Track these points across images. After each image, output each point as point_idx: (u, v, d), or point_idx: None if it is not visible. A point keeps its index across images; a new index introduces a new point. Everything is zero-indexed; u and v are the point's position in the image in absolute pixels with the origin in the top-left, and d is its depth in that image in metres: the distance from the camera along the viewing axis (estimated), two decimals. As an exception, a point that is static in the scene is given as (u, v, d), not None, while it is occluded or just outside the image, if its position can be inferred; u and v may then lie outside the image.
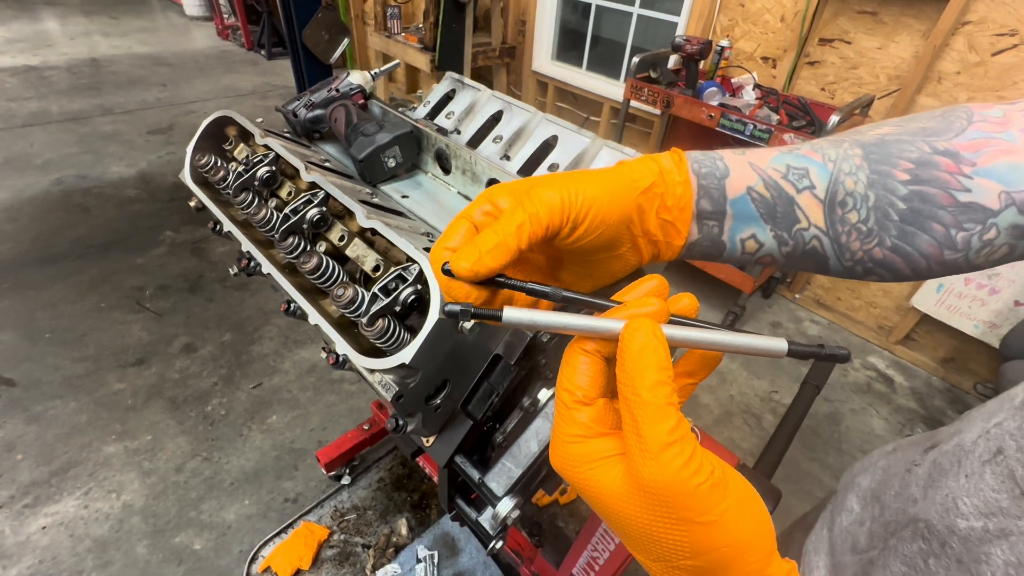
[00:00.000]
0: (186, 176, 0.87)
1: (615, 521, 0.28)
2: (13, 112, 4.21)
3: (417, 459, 1.69)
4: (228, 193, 0.81)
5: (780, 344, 0.30)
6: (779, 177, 0.39)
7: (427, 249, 0.64)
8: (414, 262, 0.61)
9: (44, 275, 2.59)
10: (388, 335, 0.60)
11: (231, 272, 0.88)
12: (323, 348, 0.78)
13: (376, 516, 1.71)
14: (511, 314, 0.30)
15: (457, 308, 0.30)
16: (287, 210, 0.72)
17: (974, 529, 0.31)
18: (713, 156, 0.41)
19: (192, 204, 0.89)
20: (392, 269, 0.63)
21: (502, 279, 0.33)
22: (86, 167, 3.54)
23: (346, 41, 2.77)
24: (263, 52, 6.05)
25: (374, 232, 0.65)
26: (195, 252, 2.84)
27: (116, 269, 2.67)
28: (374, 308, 0.59)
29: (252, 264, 0.78)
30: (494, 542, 0.73)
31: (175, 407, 2.02)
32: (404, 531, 1.64)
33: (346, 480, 1.78)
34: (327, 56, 2.78)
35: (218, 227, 0.84)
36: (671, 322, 0.31)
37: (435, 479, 1.66)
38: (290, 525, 1.65)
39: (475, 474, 0.70)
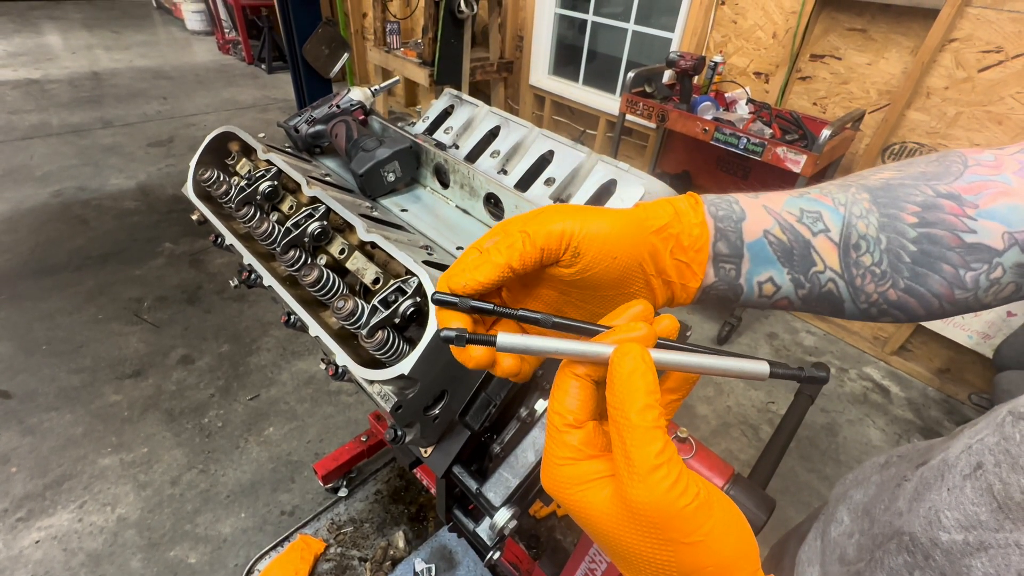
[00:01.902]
0: (189, 190, 0.88)
1: (605, 542, 0.29)
2: (14, 125, 4.24)
3: (415, 471, 1.68)
4: (230, 207, 0.83)
5: (762, 367, 0.31)
6: (794, 220, 0.40)
7: (426, 262, 0.65)
8: (413, 275, 0.62)
9: (41, 286, 2.59)
10: (387, 347, 0.61)
11: (231, 284, 0.89)
12: (322, 359, 0.78)
13: (373, 529, 1.70)
14: (505, 339, 0.31)
15: (452, 333, 0.31)
16: (289, 224, 0.73)
17: (956, 542, 0.31)
18: (728, 199, 0.42)
19: (194, 217, 0.91)
20: (391, 282, 0.64)
21: (494, 307, 0.33)
22: (85, 179, 3.55)
23: (346, 56, 2.81)
24: (263, 66, 6.12)
25: (374, 245, 0.66)
26: (193, 264, 2.85)
27: (114, 280, 2.67)
28: (374, 320, 0.60)
29: (253, 276, 0.80)
30: (491, 553, 0.74)
31: (172, 419, 2.02)
32: (401, 544, 1.63)
33: (343, 492, 1.77)
34: (327, 70, 2.82)
35: (220, 240, 0.86)
36: (657, 346, 0.31)
37: (432, 491, 1.66)
38: (286, 538, 1.64)
39: (473, 484, 0.71)
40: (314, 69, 2.76)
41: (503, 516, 0.65)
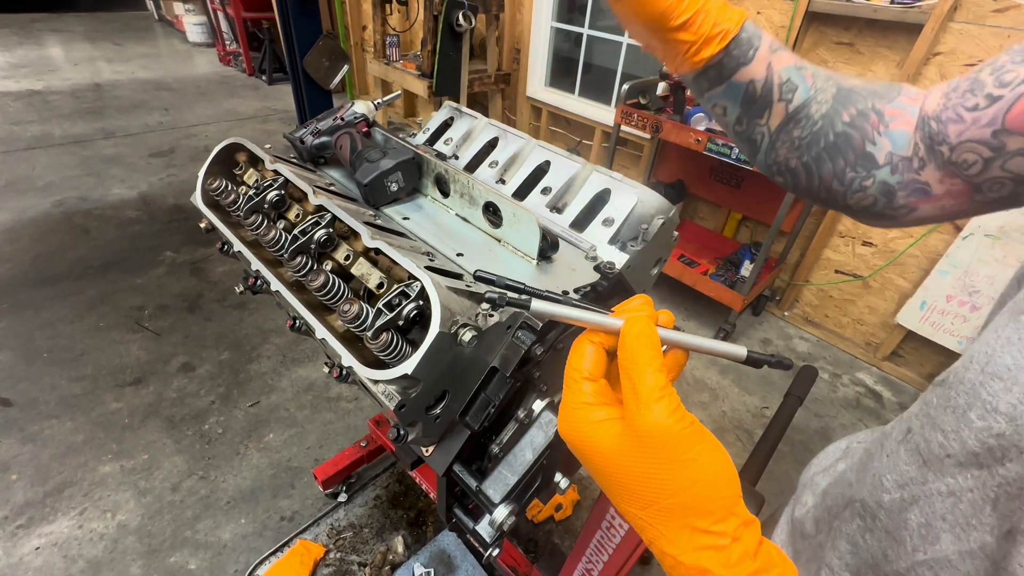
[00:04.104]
0: (198, 199, 0.91)
1: (611, 473, 0.34)
2: (16, 135, 4.27)
3: (414, 477, 1.70)
4: (239, 215, 0.86)
5: (741, 350, 0.38)
6: (779, 82, 0.49)
7: (428, 267, 0.68)
8: (416, 279, 0.65)
9: (43, 295, 2.61)
10: (391, 348, 0.63)
11: (237, 290, 0.92)
12: (326, 363, 0.81)
13: (372, 534, 1.72)
14: (537, 305, 0.38)
15: (495, 295, 0.39)
16: (296, 231, 0.76)
17: (895, 500, 0.35)
18: (752, 45, 0.49)
19: (203, 225, 0.94)
20: (395, 286, 0.67)
21: (524, 286, 0.40)
22: (87, 189, 3.59)
23: (346, 68, 2.86)
24: (264, 77, 6.19)
25: (378, 252, 0.69)
26: (194, 272, 2.87)
27: (115, 289, 2.69)
28: (379, 323, 0.63)
29: (259, 282, 0.83)
30: (491, 550, 0.76)
31: (172, 426, 2.03)
32: (400, 549, 1.65)
33: (343, 498, 1.79)
34: (327, 82, 2.87)
35: (227, 247, 0.89)
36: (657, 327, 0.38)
37: (432, 495, 1.67)
38: (286, 544, 1.65)
39: (472, 482, 0.74)
40: (314, 81, 2.81)
41: (502, 512, 0.67)
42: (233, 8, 6.02)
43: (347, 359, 0.64)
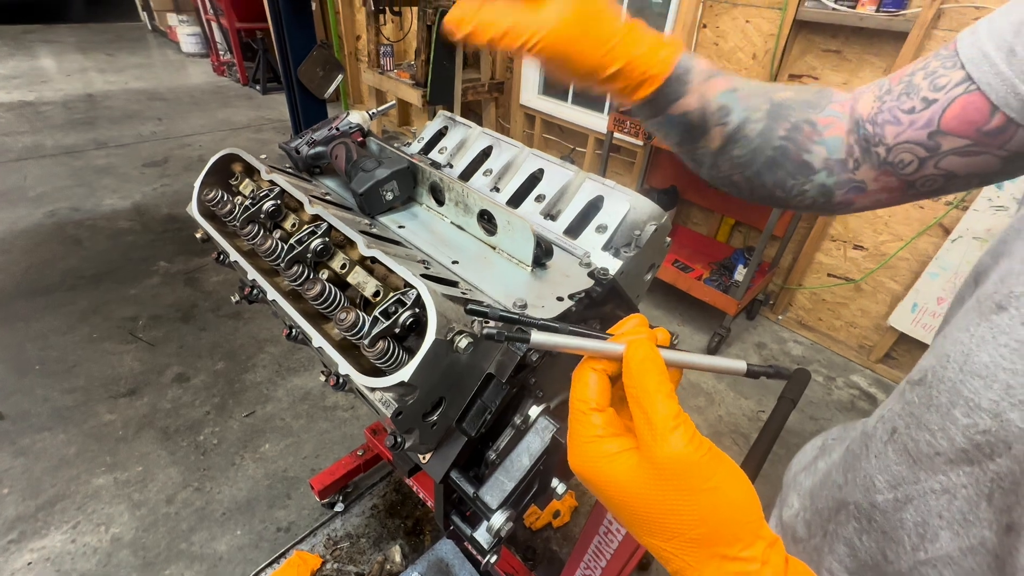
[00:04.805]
0: (194, 209, 0.92)
1: (632, 508, 0.32)
2: (7, 146, 4.26)
3: (411, 485, 1.69)
4: (235, 225, 0.86)
5: (740, 364, 0.38)
6: (713, 109, 0.51)
7: (424, 275, 0.69)
8: (412, 287, 0.66)
9: (35, 306, 2.59)
10: (388, 356, 0.64)
11: (233, 300, 0.92)
12: (322, 372, 0.81)
13: (370, 544, 1.70)
14: (537, 337, 0.36)
15: (494, 331, 0.36)
16: (292, 241, 0.77)
17: (888, 501, 0.36)
18: (685, 81, 0.50)
19: (198, 236, 0.94)
20: (391, 294, 0.68)
21: (519, 316, 0.38)
22: (79, 199, 3.57)
23: (340, 77, 2.88)
24: (258, 87, 6.20)
25: (374, 260, 0.70)
26: (188, 282, 2.86)
27: (108, 300, 2.68)
28: (375, 330, 0.64)
29: (255, 292, 0.83)
30: (489, 556, 0.76)
31: (167, 437, 2.01)
32: (398, 558, 1.64)
33: (339, 507, 1.78)
34: (321, 91, 2.88)
35: (223, 257, 0.89)
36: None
37: (429, 504, 1.67)
38: (282, 555, 1.63)
39: (470, 488, 0.74)
40: (308, 90, 2.82)
41: (500, 518, 0.67)
42: (227, 18, 6.05)
43: (344, 367, 0.65)
